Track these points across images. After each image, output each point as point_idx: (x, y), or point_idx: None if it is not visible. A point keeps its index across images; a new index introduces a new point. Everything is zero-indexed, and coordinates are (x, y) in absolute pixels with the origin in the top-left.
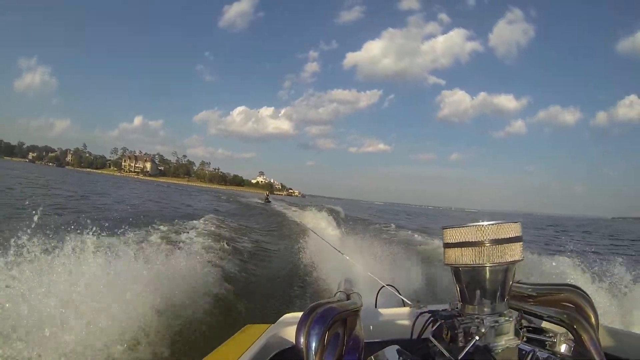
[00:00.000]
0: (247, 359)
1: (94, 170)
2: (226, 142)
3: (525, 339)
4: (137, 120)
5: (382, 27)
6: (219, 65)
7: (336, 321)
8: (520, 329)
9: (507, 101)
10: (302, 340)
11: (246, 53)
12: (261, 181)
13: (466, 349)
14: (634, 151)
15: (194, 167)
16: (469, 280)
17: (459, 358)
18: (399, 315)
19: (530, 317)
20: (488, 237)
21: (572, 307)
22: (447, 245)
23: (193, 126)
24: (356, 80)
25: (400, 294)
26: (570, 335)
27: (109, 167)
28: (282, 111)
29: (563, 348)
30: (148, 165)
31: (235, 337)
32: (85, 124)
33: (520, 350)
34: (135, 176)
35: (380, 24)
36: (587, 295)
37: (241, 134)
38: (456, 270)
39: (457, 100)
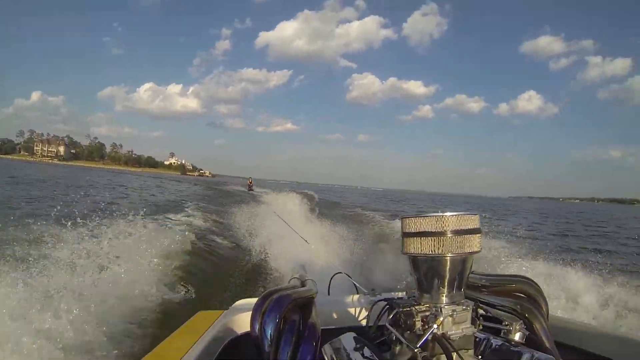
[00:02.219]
0: (200, 346)
1: (4, 156)
2: (133, 121)
3: (481, 327)
4: (35, 96)
5: (298, 8)
6: (128, 38)
7: (292, 308)
8: (477, 317)
9: (416, 87)
10: (257, 327)
11: (157, 26)
12: (173, 163)
13: (425, 337)
14: (529, 140)
15: (105, 150)
16: (427, 270)
17: (418, 345)
18: (354, 302)
19: (484, 306)
20: (448, 228)
21: (524, 297)
22: (406, 235)
23: (98, 103)
24: (267, 60)
25: (353, 281)
26: (524, 325)
27: (19, 152)
28: (191, 89)
29: (517, 336)
30: (61, 149)
31: (187, 324)
32: None
33: (475, 337)
34: (50, 161)
35: (297, 4)
36: (538, 285)
37: (148, 112)
38: (414, 260)
39: (367, 84)
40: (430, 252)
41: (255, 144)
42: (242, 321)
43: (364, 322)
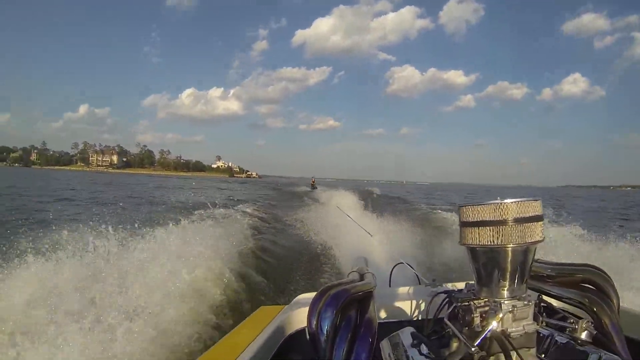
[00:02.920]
0: (260, 341)
1: (63, 168)
2: (175, 126)
3: (544, 323)
4: (83, 109)
5: (333, 3)
6: (167, 46)
7: (349, 303)
8: (539, 312)
9: (457, 76)
10: (313, 323)
11: (194, 32)
12: (221, 165)
13: (483, 335)
14: (575, 125)
15: (154, 156)
16: (487, 262)
17: (475, 344)
18: (414, 294)
19: (548, 298)
20: (508, 216)
21: (592, 289)
22: (464, 224)
23: (141, 112)
24: (305, 58)
25: (415, 271)
26: (592, 320)
27: (76, 162)
28: (232, 91)
29: (584, 335)
30: (114, 158)
31: (250, 318)
32: (27, 116)
33: (537, 333)
34: (105, 170)
35: (331, 0)
36: (608, 276)
37: (191, 117)
38: (473, 251)
39: (407, 76)
40: (489, 243)
41: (297, 142)
42: (301, 316)
43: (424, 315)
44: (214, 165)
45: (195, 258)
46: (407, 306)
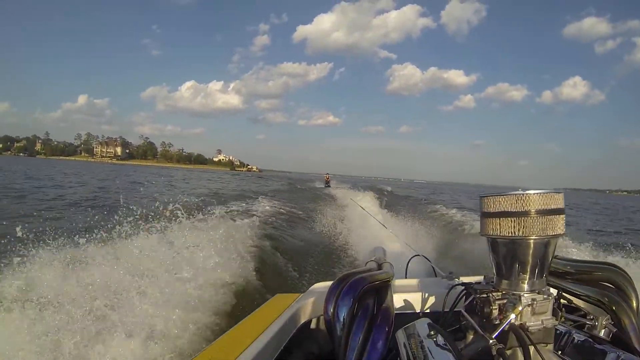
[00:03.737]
0: (275, 328)
1: (68, 158)
2: (175, 118)
3: (563, 319)
4: (82, 99)
5: (335, 0)
6: (167, 39)
7: (367, 291)
8: (559, 308)
9: (457, 76)
10: (330, 310)
11: (195, 25)
12: (222, 159)
13: (501, 328)
14: (573, 129)
15: (156, 148)
16: (507, 253)
17: (493, 336)
18: (431, 286)
19: (568, 295)
20: (530, 208)
21: (612, 288)
22: (485, 215)
23: (140, 103)
24: (306, 53)
25: (432, 264)
26: (611, 319)
27: (80, 153)
28: (232, 85)
29: (602, 333)
30: (118, 149)
31: (265, 305)
32: (26, 105)
33: (555, 329)
34: (109, 161)
35: None
36: (629, 275)
37: (190, 110)
38: (493, 242)
39: (408, 74)
40: (510, 234)
41: (296, 137)
42: (317, 304)
43: (440, 307)
44: (215, 159)
45: (211, 247)
46: (423, 298)
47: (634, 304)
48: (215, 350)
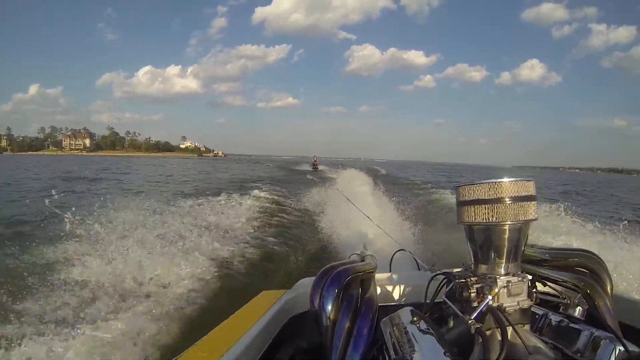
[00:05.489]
0: (261, 325)
1: (37, 153)
2: (133, 105)
3: (538, 300)
4: (33, 89)
5: None
6: (122, 22)
7: (350, 283)
8: (534, 290)
9: (417, 57)
10: (316, 301)
11: (151, 8)
12: (189, 146)
13: (479, 309)
14: (531, 109)
15: (125, 138)
16: (483, 240)
17: (472, 317)
18: (414, 278)
19: (544, 281)
20: (503, 195)
21: (586, 273)
22: (461, 204)
23: (96, 91)
24: (265, 35)
25: (415, 257)
26: (582, 297)
27: (48, 147)
28: (190, 69)
29: (577, 311)
30: (87, 141)
31: (250, 303)
32: None
33: (533, 313)
34: (79, 153)
35: None
36: (602, 261)
37: (148, 96)
38: (470, 229)
39: (367, 55)
40: (485, 220)
41: (256, 120)
42: (303, 299)
43: (422, 298)
44: (182, 146)
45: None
46: (406, 290)
47: (608, 287)
48: (201, 348)
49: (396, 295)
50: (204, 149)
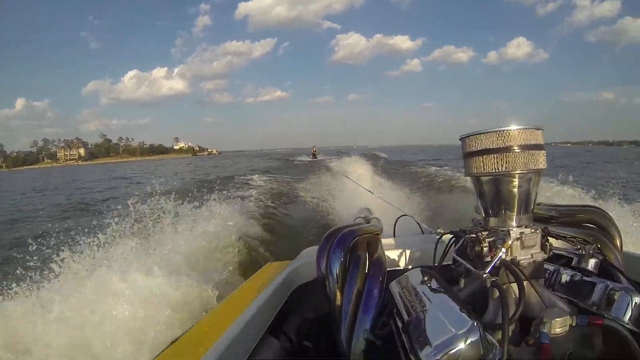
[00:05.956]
0: (266, 295)
1: (31, 167)
2: (120, 111)
3: (551, 253)
4: (20, 104)
5: None
6: (105, 29)
7: (357, 244)
8: (546, 243)
9: (402, 41)
10: (323, 266)
11: (134, 12)
12: (182, 146)
13: (492, 263)
14: (520, 87)
15: (119, 145)
16: (492, 191)
17: (486, 271)
18: (419, 242)
19: (554, 236)
20: (512, 143)
21: (595, 228)
22: (468, 155)
23: (83, 100)
24: (249, 31)
25: (418, 222)
26: (597, 249)
27: (43, 160)
28: (176, 70)
29: (591, 264)
30: (82, 151)
31: (256, 275)
32: None
33: (545, 270)
34: (75, 163)
35: None
36: (610, 216)
37: (135, 100)
38: (478, 181)
39: (353, 43)
40: (494, 170)
41: (246, 116)
42: (309, 268)
43: (430, 262)
44: (176, 147)
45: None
46: (412, 254)
47: (617, 242)
48: (211, 320)
49: (402, 259)
50: (198, 149)
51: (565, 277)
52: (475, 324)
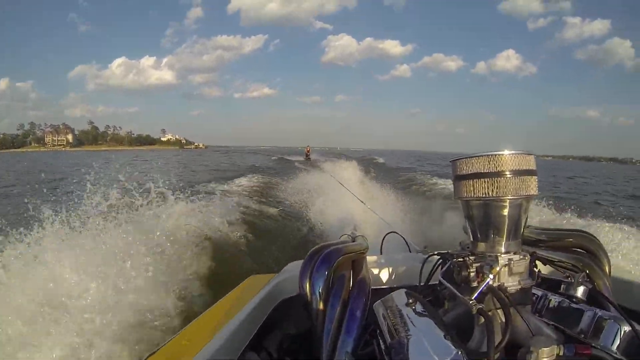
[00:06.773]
0: (249, 309)
1: (18, 150)
2: (107, 98)
3: (539, 279)
4: (3, 83)
5: None
6: (95, 13)
7: (342, 263)
8: (535, 269)
9: (393, 46)
10: (306, 284)
11: None
12: (170, 138)
13: (479, 289)
14: (506, 99)
15: (107, 133)
16: (482, 216)
17: (472, 298)
18: (406, 260)
19: (543, 261)
20: (503, 168)
21: (584, 253)
22: (458, 178)
23: (68, 84)
24: (241, 25)
25: (406, 240)
26: (586, 276)
27: (30, 144)
28: (165, 60)
29: (579, 291)
30: (69, 137)
31: (239, 287)
32: None
33: (532, 294)
34: (63, 149)
35: None
36: (599, 241)
37: (122, 88)
38: (468, 205)
39: (344, 45)
40: (485, 195)
41: (233, 111)
42: (293, 282)
43: (416, 281)
44: (164, 138)
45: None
46: (399, 272)
47: (606, 268)
48: (190, 332)
49: (388, 278)
50: (185, 142)
51: (553, 302)
52: (460, 352)
